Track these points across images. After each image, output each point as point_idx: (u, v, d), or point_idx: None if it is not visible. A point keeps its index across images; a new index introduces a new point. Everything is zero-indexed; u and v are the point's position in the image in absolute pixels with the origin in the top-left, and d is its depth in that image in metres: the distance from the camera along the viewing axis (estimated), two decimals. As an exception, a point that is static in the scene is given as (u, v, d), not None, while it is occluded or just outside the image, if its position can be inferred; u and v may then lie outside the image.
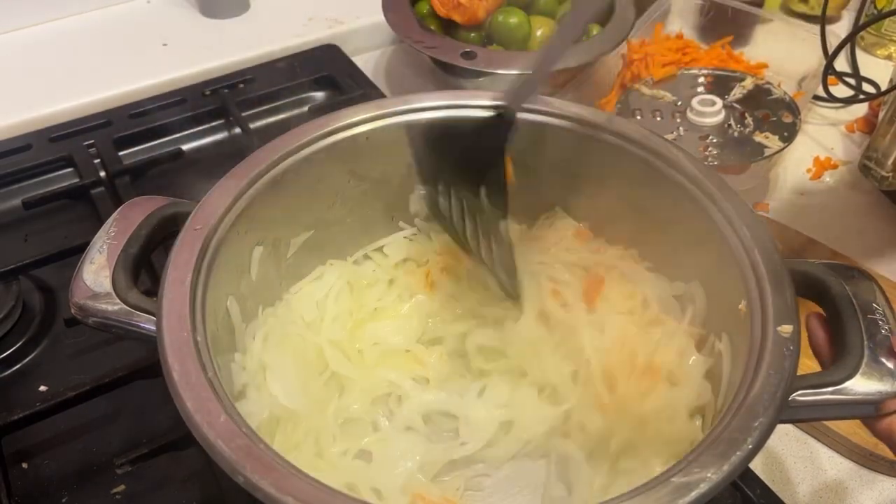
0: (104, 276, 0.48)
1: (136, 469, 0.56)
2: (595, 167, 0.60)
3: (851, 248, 0.76)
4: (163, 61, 0.98)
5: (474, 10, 0.87)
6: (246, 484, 0.38)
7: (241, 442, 0.39)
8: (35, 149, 0.86)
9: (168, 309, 0.46)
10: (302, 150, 0.57)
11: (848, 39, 0.88)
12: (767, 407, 0.40)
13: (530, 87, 0.56)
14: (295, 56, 1.00)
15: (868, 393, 0.42)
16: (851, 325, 0.45)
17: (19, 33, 1.03)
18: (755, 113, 0.81)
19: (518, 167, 0.62)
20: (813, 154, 0.89)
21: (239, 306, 0.54)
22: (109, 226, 0.52)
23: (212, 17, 1.06)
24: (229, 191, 0.53)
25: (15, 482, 0.58)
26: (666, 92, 0.84)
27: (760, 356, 0.43)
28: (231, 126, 0.90)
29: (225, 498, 0.56)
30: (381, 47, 1.06)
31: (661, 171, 0.56)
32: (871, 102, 0.92)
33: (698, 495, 0.37)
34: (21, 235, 0.79)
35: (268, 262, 0.58)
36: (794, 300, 0.46)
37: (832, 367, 0.44)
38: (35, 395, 0.64)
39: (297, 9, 1.07)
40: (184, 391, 0.41)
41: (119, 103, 0.92)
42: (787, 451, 0.62)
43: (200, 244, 0.49)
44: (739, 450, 0.39)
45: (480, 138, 0.56)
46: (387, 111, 0.60)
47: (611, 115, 0.60)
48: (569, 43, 0.52)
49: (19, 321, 0.68)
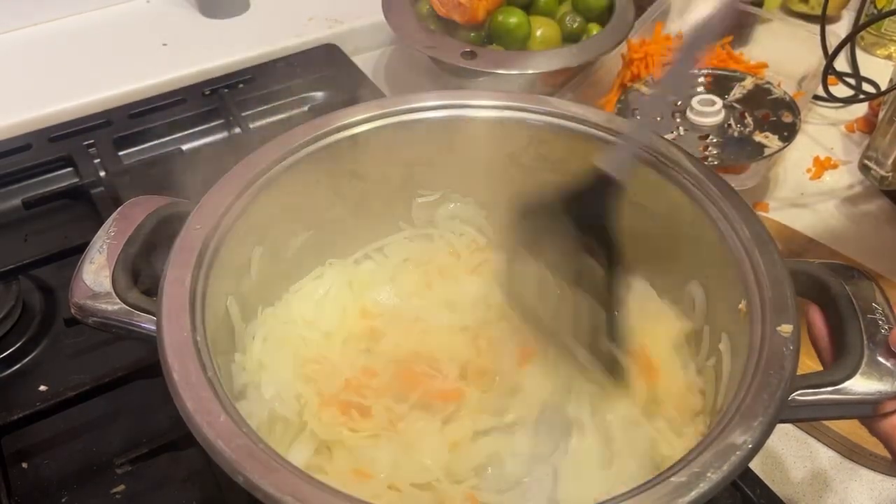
0: (104, 275, 0.48)
1: (136, 469, 0.56)
2: (595, 167, 0.60)
3: (851, 248, 0.76)
4: (163, 61, 0.98)
5: (474, 10, 0.87)
6: (246, 484, 0.38)
7: (241, 442, 0.39)
8: (35, 149, 0.86)
9: (168, 309, 0.46)
10: (302, 150, 0.57)
11: (848, 39, 0.88)
12: (767, 407, 0.40)
13: (630, 154, 0.52)
14: (295, 56, 1.00)
15: (868, 393, 0.42)
16: (851, 324, 0.45)
17: (19, 33, 1.03)
18: (755, 113, 0.81)
19: (516, 166, 0.62)
20: (813, 154, 0.89)
21: (239, 306, 0.54)
22: (109, 225, 0.52)
23: (212, 17, 1.06)
24: (229, 191, 0.53)
25: (15, 482, 0.58)
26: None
27: (760, 356, 0.43)
28: (231, 126, 0.90)
29: (225, 498, 0.57)
30: (381, 47, 1.06)
31: (661, 170, 0.56)
32: (870, 102, 0.92)
33: (698, 495, 0.37)
34: (21, 235, 0.79)
35: (268, 262, 0.58)
36: (793, 300, 0.46)
37: (832, 366, 0.44)
38: (35, 395, 0.64)
39: (297, 9, 1.07)
40: (184, 391, 0.41)
41: (119, 103, 0.92)
42: (787, 451, 0.62)
43: (200, 244, 0.49)
44: (739, 449, 0.39)
45: (582, 207, 0.52)
46: (387, 111, 0.60)
47: (611, 114, 0.60)
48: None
49: (19, 321, 0.68)
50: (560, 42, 0.90)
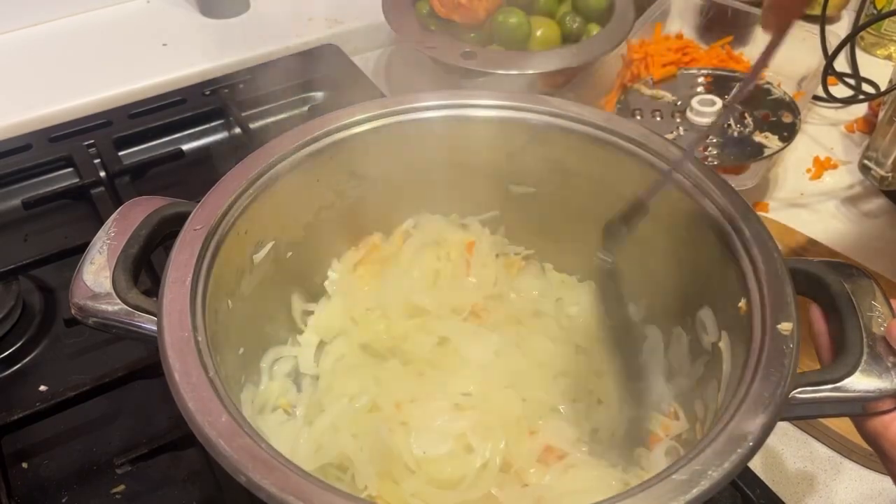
0: (104, 276, 0.48)
1: (136, 469, 0.56)
2: (594, 166, 0.60)
3: (851, 248, 0.76)
4: (162, 61, 0.98)
5: (474, 10, 0.87)
6: (248, 484, 0.38)
7: (243, 442, 0.39)
8: (35, 149, 0.86)
9: (169, 309, 0.45)
10: (302, 150, 0.57)
11: (848, 39, 0.88)
12: (768, 404, 0.40)
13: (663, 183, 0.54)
14: (295, 56, 1.00)
15: (867, 390, 0.42)
16: (850, 322, 0.45)
17: (19, 33, 1.03)
18: (755, 113, 0.81)
19: (516, 166, 0.62)
20: (813, 154, 0.89)
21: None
22: (109, 226, 0.52)
23: (212, 17, 1.06)
24: (229, 191, 0.53)
25: (15, 482, 0.58)
26: (666, 92, 0.84)
27: (760, 354, 0.43)
28: (231, 126, 0.90)
29: (225, 498, 0.57)
30: (381, 47, 1.06)
31: (661, 169, 0.56)
32: (870, 102, 0.92)
33: (700, 492, 0.37)
34: (21, 235, 0.79)
35: (268, 261, 0.58)
36: (793, 298, 0.46)
37: (832, 364, 0.44)
38: (35, 395, 0.64)
39: (297, 9, 1.07)
40: (185, 391, 0.41)
41: (119, 103, 0.92)
42: (786, 451, 0.62)
43: (201, 244, 0.49)
44: (741, 447, 0.39)
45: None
46: (387, 111, 0.60)
47: (611, 114, 0.60)
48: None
49: (19, 321, 0.68)
50: (560, 42, 0.90)
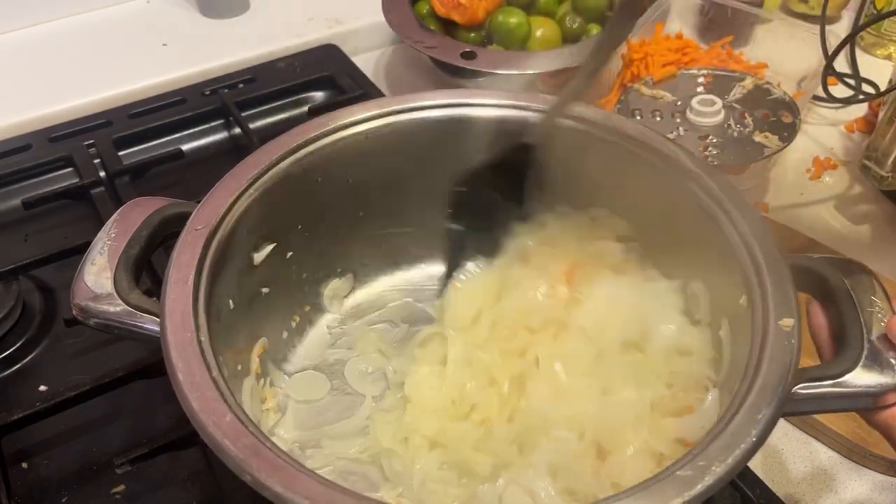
0: (105, 277, 0.48)
1: (136, 469, 0.56)
2: (594, 165, 0.60)
3: (851, 248, 0.76)
4: (162, 61, 0.98)
5: (474, 10, 0.87)
6: (254, 483, 0.38)
7: (248, 441, 0.39)
8: (35, 149, 0.86)
9: (171, 309, 0.46)
10: (302, 150, 0.57)
11: (848, 39, 0.88)
12: (770, 400, 0.41)
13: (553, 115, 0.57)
14: (295, 56, 1.00)
15: (869, 385, 0.43)
16: (851, 318, 0.45)
17: (19, 33, 1.03)
18: (755, 113, 0.81)
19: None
20: (813, 154, 0.89)
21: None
22: (110, 227, 0.52)
23: (212, 17, 1.06)
24: (230, 191, 0.53)
25: (15, 482, 0.58)
26: (666, 92, 0.84)
27: (762, 350, 0.43)
28: (231, 126, 0.90)
29: (225, 498, 0.56)
30: (381, 47, 1.06)
31: (661, 168, 0.56)
32: (870, 102, 0.92)
33: (703, 488, 0.37)
34: (21, 235, 0.79)
35: (269, 261, 0.58)
36: (794, 294, 0.46)
37: (833, 360, 0.45)
38: (35, 395, 0.64)
39: (297, 9, 1.07)
40: (189, 391, 0.41)
41: (119, 103, 0.92)
42: (787, 451, 0.62)
43: (202, 244, 0.49)
44: (744, 443, 0.39)
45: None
46: (387, 111, 0.60)
47: (610, 113, 0.60)
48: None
49: (19, 321, 0.68)
50: (560, 42, 0.90)
